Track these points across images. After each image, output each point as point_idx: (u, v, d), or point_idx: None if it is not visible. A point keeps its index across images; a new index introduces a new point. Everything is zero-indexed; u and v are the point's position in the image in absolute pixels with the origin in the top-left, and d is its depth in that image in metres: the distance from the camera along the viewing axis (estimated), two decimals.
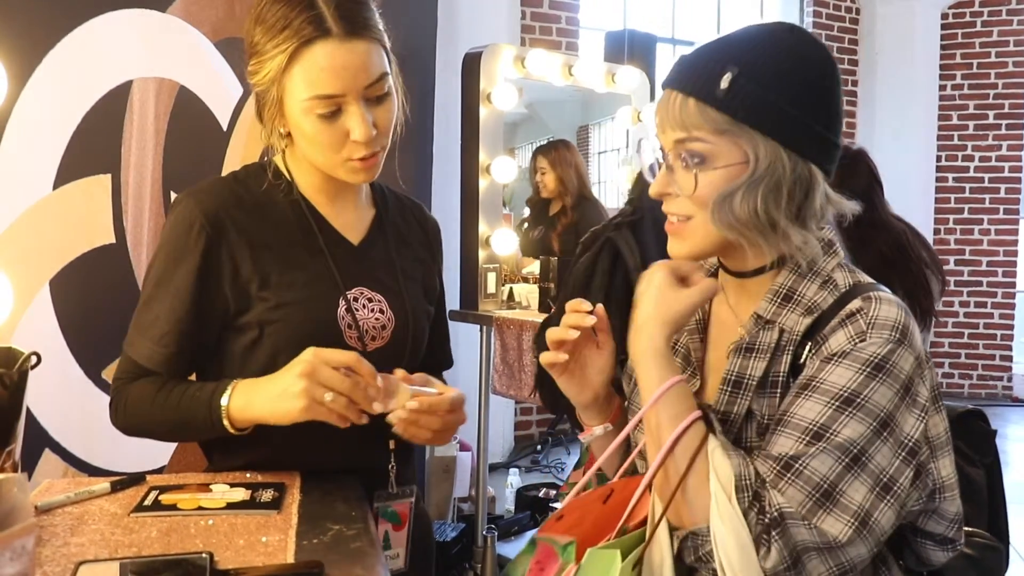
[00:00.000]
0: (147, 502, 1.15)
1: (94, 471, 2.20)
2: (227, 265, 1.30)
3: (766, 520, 0.97)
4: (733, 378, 1.10)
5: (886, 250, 2.14)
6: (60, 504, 1.15)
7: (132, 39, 2.24)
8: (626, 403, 1.29)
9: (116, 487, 1.22)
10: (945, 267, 6.64)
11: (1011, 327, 6.72)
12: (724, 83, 1.03)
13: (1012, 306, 6.71)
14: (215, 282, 1.30)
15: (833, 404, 1.00)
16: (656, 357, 1.07)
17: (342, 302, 1.35)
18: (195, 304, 1.29)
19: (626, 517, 1.08)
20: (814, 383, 1.02)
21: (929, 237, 6.61)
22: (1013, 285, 6.71)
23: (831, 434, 0.98)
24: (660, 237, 2.21)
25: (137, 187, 2.29)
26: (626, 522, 1.08)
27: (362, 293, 1.38)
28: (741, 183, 1.05)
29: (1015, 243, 6.70)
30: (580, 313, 1.17)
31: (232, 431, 1.23)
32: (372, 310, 1.38)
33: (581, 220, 3.76)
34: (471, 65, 3.39)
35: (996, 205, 6.67)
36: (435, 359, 1.56)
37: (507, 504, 3.98)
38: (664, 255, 2.16)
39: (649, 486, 1.06)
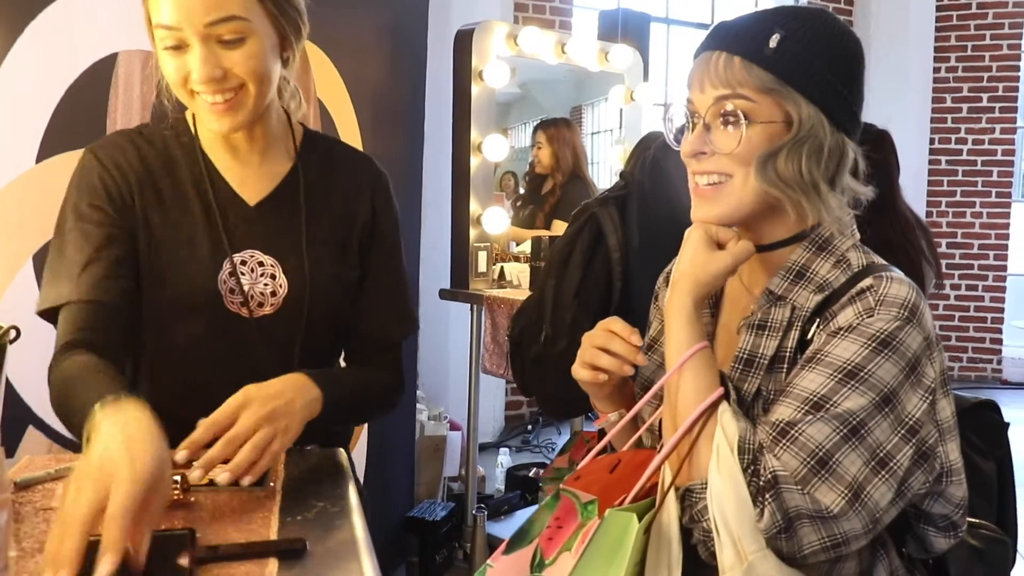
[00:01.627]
0: None
1: (78, 448, 2.16)
2: (126, 216, 1.29)
3: (760, 483, 0.97)
4: (745, 356, 1.11)
5: (892, 235, 2.09)
6: (40, 480, 1.13)
7: (117, 10, 2.19)
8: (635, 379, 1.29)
9: None
10: (937, 249, 6.68)
11: (1001, 310, 6.73)
12: (772, 43, 1.05)
13: (1003, 289, 6.73)
14: (116, 229, 1.28)
15: (836, 376, 1.00)
16: (683, 317, 1.08)
17: (227, 265, 1.31)
18: (108, 230, 1.27)
19: (643, 483, 1.08)
20: (818, 355, 1.02)
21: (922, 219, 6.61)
22: (1004, 268, 6.72)
23: (831, 405, 0.99)
24: (647, 213, 2.19)
25: None
26: (640, 488, 1.09)
27: (252, 256, 1.33)
28: (786, 142, 1.06)
29: (1007, 226, 6.70)
30: (632, 348, 1.16)
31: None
32: (263, 274, 1.33)
33: (565, 199, 3.75)
34: (463, 42, 3.36)
35: (988, 188, 6.67)
36: (381, 328, 1.45)
37: (497, 484, 3.98)
38: (650, 232, 2.16)
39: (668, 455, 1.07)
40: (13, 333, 1.25)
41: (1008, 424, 1.37)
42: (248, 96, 1.26)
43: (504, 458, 4.10)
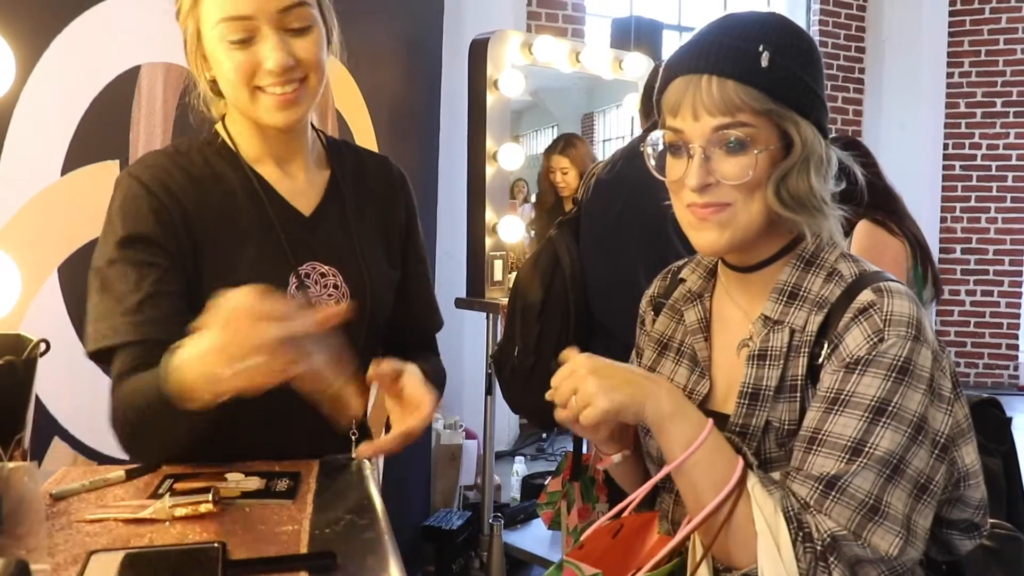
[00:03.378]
0: (161, 490, 1.14)
1: (103, 459, 2.19)
2: (180, 242, 1.22)
3: (818, 548, 0.96)
4: (750, 390, 1.08)
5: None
6: (75, 492, 1.14)
7: (140, 23, 2.22)
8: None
9: (131, 475, 1.21)
10: (951, 255, 6.70)
11: (1017, 316, 6.68)
12: (764, 61, 1.01)
13: (1019, 295, 6.67)
14: (169, 260, 1.22)
15: (867, 417, 0.98)
16: (669, 421, 1.03)
17: (293, 279, 1.28)
18: (159, 264, 1.20)
19: (659, 559, 1.07)
20: (843, 396, 1.00)
21: (935, 225, 6.61)
22: (1020, 274, 6.66)
23: (870, 448, 0.97)
24: (602, 236, 2.30)
25: None
26: (644, 563, 1.08)
27: (314, 268, 1.31)
28: (794, 162, 1.04)
29: (1022, 231, 6.65)
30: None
31: (189, 400, 1.03)
32: (325, 285, 1.32)
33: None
34: (478, 51, 3.37)
35: (1003, 193, 6.63)
36: (419, 324, 1.48)
37: (512, 492, 3.98)
38: (599, 251, 2.24)
39: (686, 536, 1.06)
40: (43, 346, 1.26)
41: (1011, 419, 1.37)
42: (308, 89, 1.25)
43: (520, 466, 4.09)
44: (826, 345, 1.04)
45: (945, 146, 6.69)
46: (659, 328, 1.27)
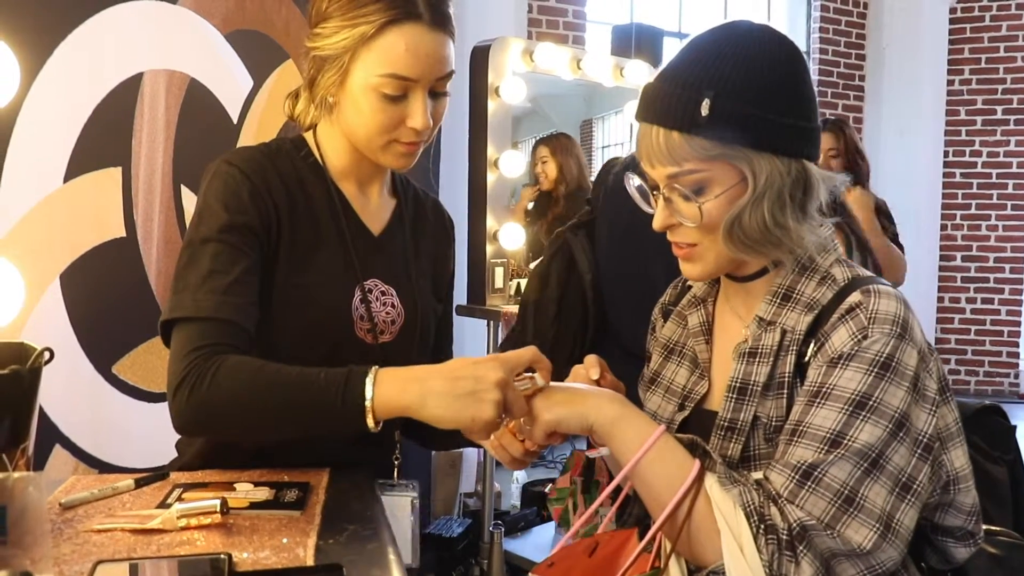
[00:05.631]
0: (170, 500, 1.13)
1: (104, 467, 2.19)
2: (271, 233, 1.27)
3: (783, 538, 0.96)
4: (738, 385, 1.10)
5: None
6: (84, 501, 1.14)
7: (143, 31, 2.22)
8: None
9: (140, 483, 1.20)
10: (951, 263, 6.72)
11: (1018, 323, 6.68)
12: (704, 110, 1.02)
13: (1019, 303, 6.67)
14: (259, 252, 1.25)
15: (847, 409, 0.99)
16: (617, 424, 1.06)
17: (357, 292, 1.33)
18: (252, 249, 1.23)
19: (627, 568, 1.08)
20: (824, 389, 1.02)
21: (936, 232, 6.62)
22: (1020, 282, 6.66)
23: (849, 440, 0.98)
24: (612, 236, 2.27)
25: (148, 180, 2.28)
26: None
27: (376, 285, 1.36)
28: (746, 201, 1.05)
29: (1023, 239, 6.65)
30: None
31: (371, 424, 1.07)
32: (384, 303, 1.37)
33: (568, 213, 3.74)
34: (479, 58, 3.37)
35: (1004, 201, 6.63)
36: (436, 357, 1.52)
37: (513, 499, 3.96)
38: (620, 256, 2.23)
39: (647, 545, 1.07)
40: (47, 355, 1.25)
41: (1015, 427, 1.36)
42: (427, 140, 1.33)
43: (520, 474, 4.08)
44: (813, 343, 1.06)
45: (945, 153, 6.69)
46: (666, 333, 1.30)
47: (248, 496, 1.15)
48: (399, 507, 1.33)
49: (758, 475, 1.05)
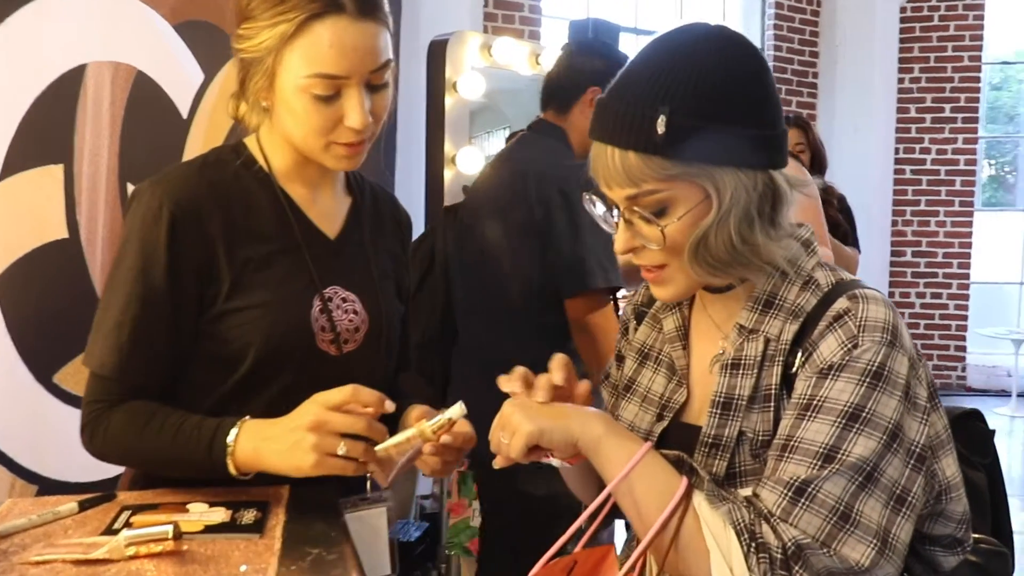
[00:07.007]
0: (118, 524, 1.06)
1: (44, 483, 2.10)
2: (199, 262, 1.20)
3: (777, 556, 0.93)
4: (722, 400, 1.05)
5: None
6: (21, 528, 1.06)
7: (86, 20, 2.13)
8: None
9: (84, 506, 1.13)
10: (902, 258, 6.83)
11: (965, 318, 6.84)
12: (660, 127, 0.96)
13: (966, 297, 6.83)
14: (185, 281, 1.20)
15: (840, 422, 0.95)
16: (601, 445, 1.02)
17: (317, 302, 1.26)
18: (163, 307, 1.19)
19: None
20: (815, 402, 0.98)
21: (887, 228, 6.74)
22: (967, 277, 6.82)
23: (843, 454, 0.94)
24: (472, 227, 2.29)
25: (91, 178, 2.19)
26: None
27: (336, 292, 1.29)
28: (711, 221, 0.99)
29: (970, 235, 6.81)
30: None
31: (235, 475, 1.13)
32: (346, 311, 1.30)
33: None
34: (437, 53, 3.31)
35: (952, 197, 6.78)
36: (399, 362, 1.48)
37: None
38: (473, 245, 2.25)
39: (639, 558, 1.02)
40: None
41: (994, 431, 1.34)
42: (373, 136, 1.26)
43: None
44: (800, 353, 1.02)
45: (896, 150, 6.82)
46: (640, 337, 1.24)
47: (203, 518, 1.08)
48: (375, 519, 1.31)
49: (746, 492, 1.01)
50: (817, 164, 3.50)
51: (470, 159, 3.34)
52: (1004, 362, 6.89)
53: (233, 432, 1.13)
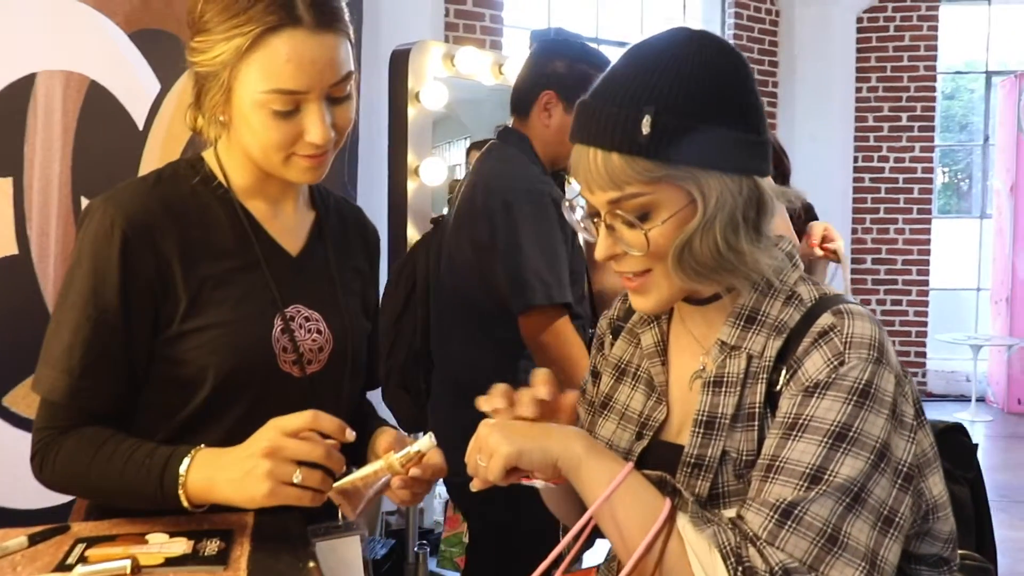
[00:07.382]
0: (71, 559, 1.00)
1: None
2: (153, 282, 1.15)
3: None
4: (704, 418, 1.03)
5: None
6: None
7: (36, 27, 2.07)
8: None
9: (34, 540, 1.06)
10: (863, 265, 6.91)
11: (924, 324, 6.95)
12: (645, 128, 0.94)
13: (925, 303, 6.94)
14: (139, 302, 1.15)
15: (826, 443, 0.93)
16: (583, 465, 0.98)
17: (278, 321, 1.21)
18: (116, 329, 1.14)
19: None
20: (801, 421, 0.95)
21: (847, 236, 6.81)
22: (926, 283, 6.94)
23: (830, 475, 0.92)
24: (446, 242, 2.25)
25: (43, 192, 2.13)
26: None
27: (299, 311, 1.24)
28: (696, 226, 0.97)
29: (928, 242, 6.93)
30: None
31: (188, 507, 1.08)
32: (309, 330, 1.25)
33: None
34: (399, 62, 3.27)
35: (910, 205, 6.89)
36: (367, 381, 1.44)
37: (436, 515, 3.87)
38: (445, 260, 2.25)
39: None
40: None
41: (977, 445, 1.33)
42: (336, 147, 1.21)
43: (442, 488, 3.97)
44: (784, 371, 1.00)
45: (855, 159, 6.92)
46: (617, 352, 1.21)
47: (163, 550, 1.02)
48: (348, 547, 1.24)
49: (730, 513, 0.98)
50: (780, 172, 3.50)
51: (433, 170, 3.31)
52: (963, 367, 7.00)
53: (186, 462, 1.07)
